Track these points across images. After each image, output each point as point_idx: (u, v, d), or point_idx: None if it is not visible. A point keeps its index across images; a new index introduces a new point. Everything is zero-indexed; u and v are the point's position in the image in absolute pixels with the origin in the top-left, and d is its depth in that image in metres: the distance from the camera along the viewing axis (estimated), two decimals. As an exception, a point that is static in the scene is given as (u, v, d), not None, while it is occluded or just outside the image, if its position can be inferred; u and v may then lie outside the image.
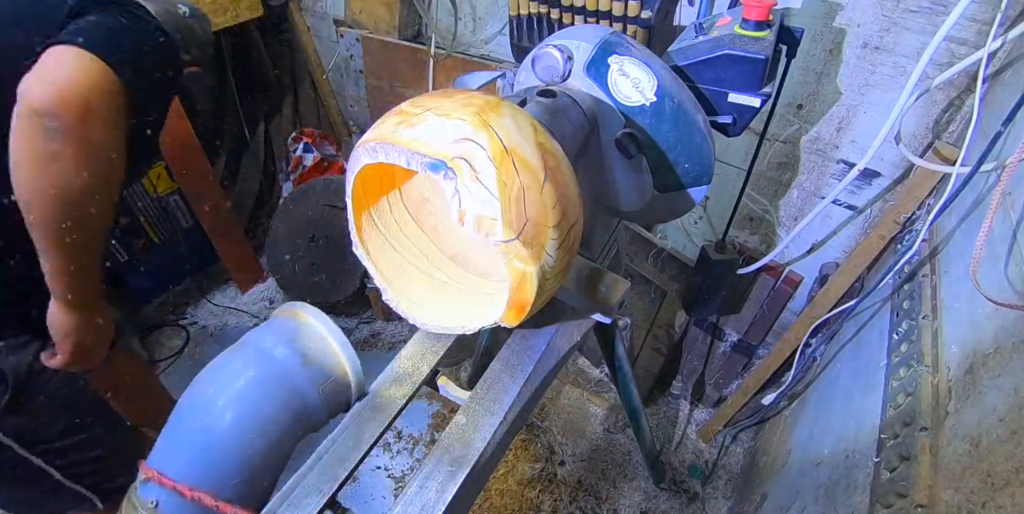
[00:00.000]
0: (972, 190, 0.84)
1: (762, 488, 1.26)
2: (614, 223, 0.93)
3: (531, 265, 0.48)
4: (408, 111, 0.48)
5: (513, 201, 0.45)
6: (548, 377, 0.68)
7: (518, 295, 0.51)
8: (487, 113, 0.47)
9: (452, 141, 0.45)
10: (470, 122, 0.46)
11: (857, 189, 1.22)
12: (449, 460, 0.58)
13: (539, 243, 0.48)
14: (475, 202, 0.45)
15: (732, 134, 0.76)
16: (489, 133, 0.46)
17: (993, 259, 0.68)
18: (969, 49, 0.96)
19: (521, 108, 0.51)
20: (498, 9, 1.56)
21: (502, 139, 0.46)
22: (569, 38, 0.65)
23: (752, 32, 0.70)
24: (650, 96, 0.63)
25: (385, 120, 0.49)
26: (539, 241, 0.48)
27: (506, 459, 1.61)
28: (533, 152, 0.47)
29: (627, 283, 0.71)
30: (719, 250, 1.26)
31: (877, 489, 0.71)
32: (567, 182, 0.50)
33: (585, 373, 1.86)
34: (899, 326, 0.88)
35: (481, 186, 0.44)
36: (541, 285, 0.50)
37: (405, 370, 0.72)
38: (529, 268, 0.48)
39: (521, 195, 0.46)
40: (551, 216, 0.48)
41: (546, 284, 0.51)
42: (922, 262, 0.93)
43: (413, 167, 0.46)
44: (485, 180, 0.44)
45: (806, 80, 1.17)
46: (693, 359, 1.68)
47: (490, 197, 0.45)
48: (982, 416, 0.59)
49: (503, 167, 0.45)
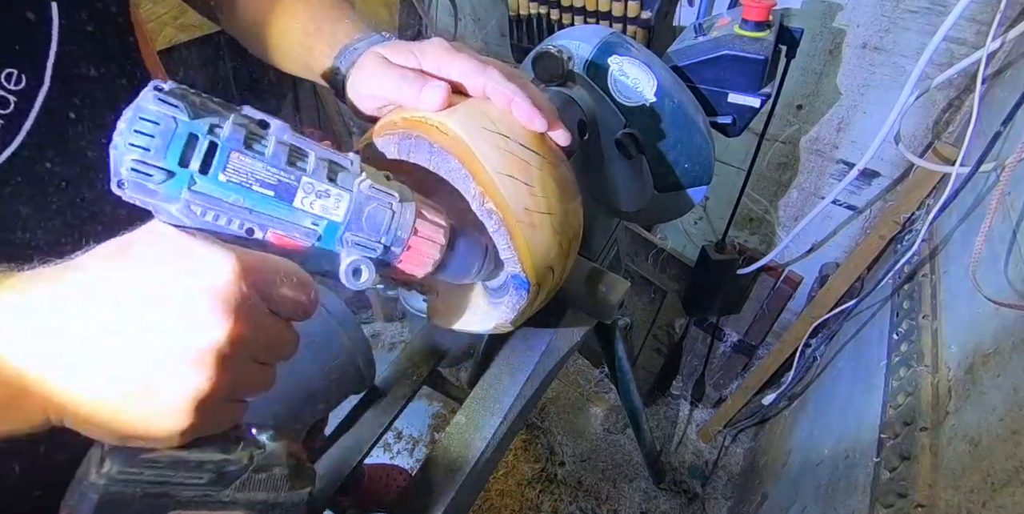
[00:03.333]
0: (972, 190, 0.84)
1: (762, 488, 1.26)
2: (614, 223, 0.93)
3: (531, 295, 0.48)
4: (537, 201, 0.42)
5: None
6: (548, 377, 0.68)
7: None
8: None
9: (545, 268, 0.44)
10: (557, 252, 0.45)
11: (857, 189, 1.22)
12: (449, 460, 0.58)
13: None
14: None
15: (732, 134, 0.76)
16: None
17: (993, 259, 0.68)
18: (968, 49, 0.96)
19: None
20: (498, 9, 1.57)
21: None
22: (569, 38, 0.65)
23: (752, 32, 0.70)
24: (650, 96, 0.63)
25: (519, 186, 0.41)
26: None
27: (506, 459, 1.61)
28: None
29: (627, 283, 0.71)
30: (719, 250, 1.26)
31: (877, 489, 0.71)
32: (567, 183, 0.50)
33: (585, 373, 1.86)
34: (899, 326, 0.88)
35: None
36: (536, 306, 0.50)
37: (405, 370, 0.72)
38: (528, 299, 0.48)
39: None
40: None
41: (543, 296, 0.51)
42: (922, 262, 0.93)
43: (508, 268, 0.43)
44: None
45: (806, 80, 1.17)
46: (693, 359, 1.68)
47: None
48: (982, 416, 0.59)
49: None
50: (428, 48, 0.45)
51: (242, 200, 0.31)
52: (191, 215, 0.30)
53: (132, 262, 0.29)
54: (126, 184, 0.29)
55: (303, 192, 0.33)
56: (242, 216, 0.32)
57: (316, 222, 0.33)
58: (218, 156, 0.30)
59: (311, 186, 0.33)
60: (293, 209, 0.32)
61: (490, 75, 0.43)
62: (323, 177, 0.33)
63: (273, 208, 0.32)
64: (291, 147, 0.33)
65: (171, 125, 0.29)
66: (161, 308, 0.28)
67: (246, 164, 0.31)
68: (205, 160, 0.30)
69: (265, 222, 0.32)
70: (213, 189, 0.31)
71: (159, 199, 0.30)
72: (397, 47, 0.46)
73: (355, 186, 0.34)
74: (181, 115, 0.30)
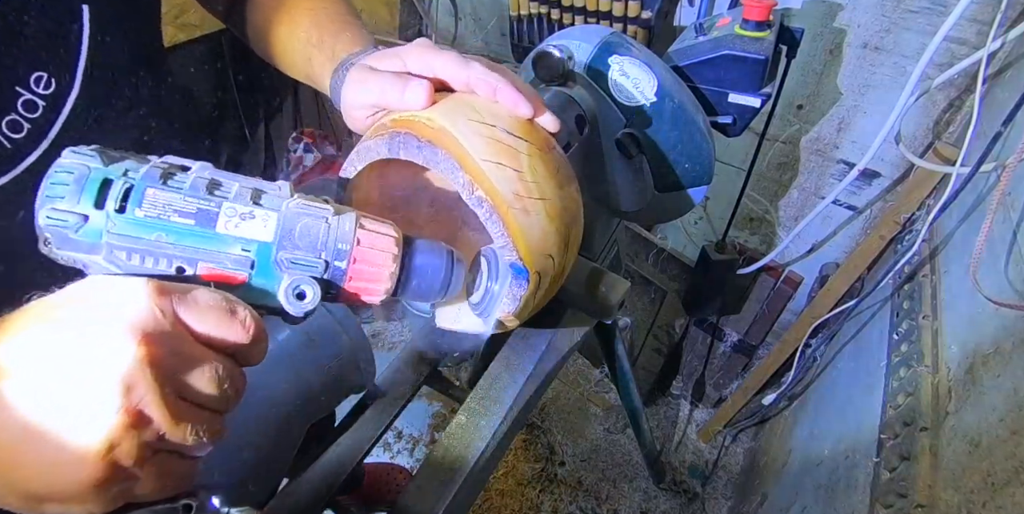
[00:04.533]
0: (972, 190, 0.84)
1: (762, 488, 1.26)
2: (614, 223, 0.93)
3: (533, 285, 0.48)
4: (528, 187, 0.42)
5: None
6: (548, 377, 0.68)
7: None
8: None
9: (543, 255, 0.43)
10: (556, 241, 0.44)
11: (857, 189, 1.22)
12: (449, 460, 0.58)
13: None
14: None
15: (732, 134, 0.75)
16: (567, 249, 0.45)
17: (993, 259, 0.68)
18: (969, 49, 0.96)
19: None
20: (498, 9, 1.57)
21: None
22: (569, 38, 0.65)
23: (752, 32, 0.70)
24: (650, 96, 0.63)
25: (505, 169, 0.41)
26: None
27: (506, 459, 1.61)
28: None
29: (627, 283, 0.71)
30: (719, 250, 1.26)
31: (877, 489, 0.71)
32: (560, 169, 0.50)
33: (585, 373, 1.86)
34: (899, 326, 0.88)
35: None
36: (540, 297, 0.50)
37: (405, 370, 0.72)
38: (530, 289, 0.48)
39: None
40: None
41: (547, 286, 0.51)
42: (922, 262, 0.93)
43: (504, 256, 0.42)
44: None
45: (806, 80, 1.17)
46: (693, 359, 1.68)
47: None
48: (982, 416, 0.59)
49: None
50: (411, 49, 0.45)
51: (163, 235, 0.30)
52: (117, 261, 0.30)
53: (55, 310, 0.27)
54: (48, 237, 0.29)
55: (225, 216, 0.31)
56: (168, 253, 0.30)
57: (246, 247, 0.31)
58: (133, 194, 0.30)
59: (233, 210, 0.31)
60: (217, 235, 0.31)
61: (472, 68, 0.43)
62: (247, 200, 0.32)
63: (197, 238, 0.31)
64: (211, 180, 0.32)
65: (84, 171, 0.29)
66: (73, 344, 0.25)
67: (162, 197, 0.30)
68: (121, 200, 0.29)
69: (192, 256, 0.31)
70: (132, 228, 0.30)
71: (84, 251, 0.29)
72: (381, 54, 0.47)
73: (283, 206, 0.33)
74: (94, 163, 0.30)
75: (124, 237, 0.29)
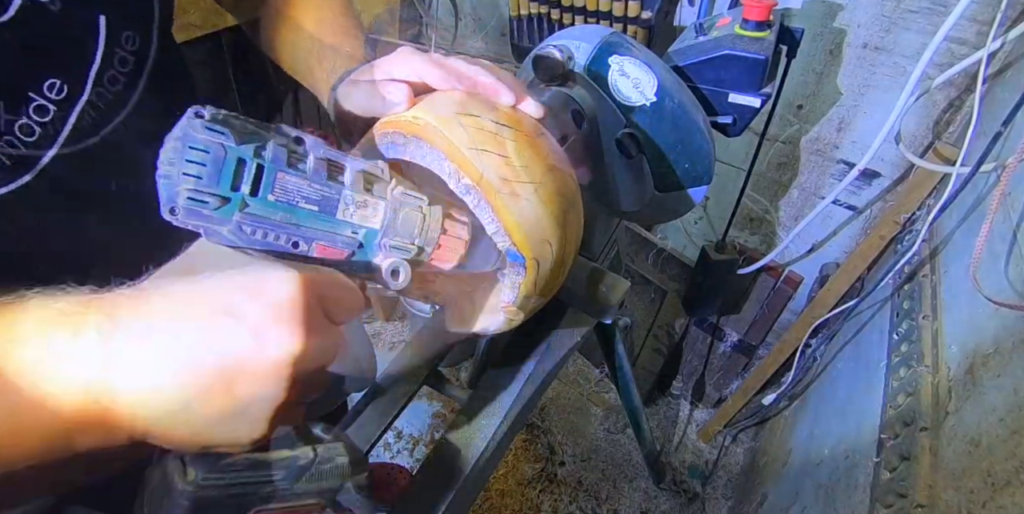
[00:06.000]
0: (972, 190, 0.84)
1: (762, 488, 1.26)
2: (614, 223, 0.93)
3: (530, 271, 0.48)
4: (516, 171, 0.42)
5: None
6: (548, 377, 0.68)
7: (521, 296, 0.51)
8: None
9: (539, 240, 0.44)
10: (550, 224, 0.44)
11: (857, 189, 1.22)
12: (449, 460, 0.58)
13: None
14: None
15: (732, 134, 0.75)
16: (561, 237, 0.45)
17: (993, 259, 0.68)
18: (969, 49, 0.96)
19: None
20: (498, 9, 1.57)
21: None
22: (569, 38, 0.65)
23: (752, 32, 0.70)
24: (650, 96, 0.63)
25: (490, 161, 0.41)
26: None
27: (506, 459, 1.61)
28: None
29: (627, 283, 0.71)
30: (719, 250, 1.26)
31: (877, 489, 0.71)
32: (549, 153, 0.50)
33: (585, 373, 1.86)
34: (899, 326, 0.88)
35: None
36: (541, 287, 0.50)
37: (405, 370, 0.72)
38: (528, 275, 0.48)
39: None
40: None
41: (547, 276, 0.51)
42: (922, 262, 0.93)
43: (498, 243, 0.43)
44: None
45: (806, 80, 1.17)
46: (693, 359, 1.68)
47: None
48: (982, 416, 0.59)
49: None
50: (392, 58, 0.47)
51: (289, 217, 0.33)
52: (242, 235, 0.32)
53: (204, 286, 0.30)
54: (180, 211, 0.31)
55: (344, 204, 0.35)
56: (289, 232, 0.33)
57: (356, 231, 0.36)
58: (265, 178, 0.32)
59: (351, 198, 0.35)
60: (336, 221, 0.35)
61: (452, 64, 0.45)
62: (360, 188, 0.36)
63: (318, 222, 0.34)
64: (328, 162, 0.35)
65: (220, 152, 0.31)
66: (236, 328, 0.28)
67: (291, 183, 0.33)
68: (254, 183, 0.32)
69: (310, 235, 0.34)
70: (263, 209, 0.32)
71: (212, 223, 0.31)
72: (367, 67, 0.48)
73: (388, 193, 0.37)
74: (228, 142, 0.31)
75: (254, 217, 0.32)
